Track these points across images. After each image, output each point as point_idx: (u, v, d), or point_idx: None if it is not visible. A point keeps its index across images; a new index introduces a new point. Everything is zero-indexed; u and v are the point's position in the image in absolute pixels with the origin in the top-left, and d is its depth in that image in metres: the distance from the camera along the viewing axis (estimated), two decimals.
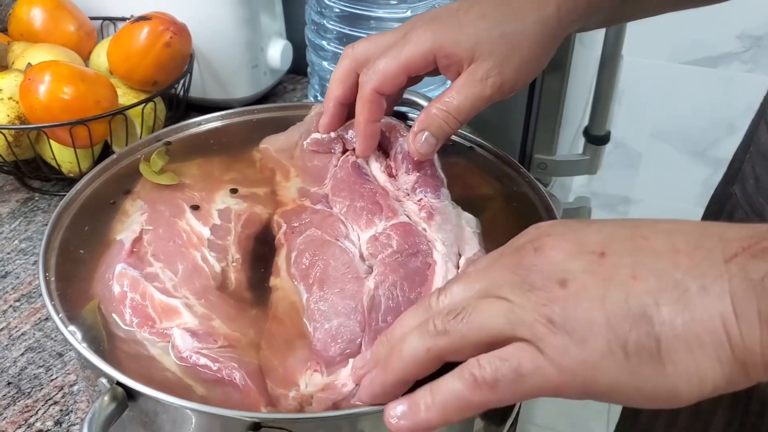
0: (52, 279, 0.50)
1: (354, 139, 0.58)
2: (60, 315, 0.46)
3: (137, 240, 0.54)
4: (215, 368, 0.44)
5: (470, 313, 0.35)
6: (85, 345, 0.44)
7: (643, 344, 0.32)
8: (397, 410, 0.37)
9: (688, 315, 0.32)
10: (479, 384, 0.34)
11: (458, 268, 0.49)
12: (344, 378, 0.43)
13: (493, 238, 0.53)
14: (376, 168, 0.59)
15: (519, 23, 0.53)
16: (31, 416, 0.58)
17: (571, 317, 0.33)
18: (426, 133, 0.53)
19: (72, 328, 0.46)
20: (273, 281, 0.52)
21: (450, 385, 0.35)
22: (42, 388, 0.60)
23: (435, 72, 0.56)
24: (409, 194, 0.56)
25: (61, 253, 0.53)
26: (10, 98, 0.76)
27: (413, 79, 0.57)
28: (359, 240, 0.52)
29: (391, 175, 0.58)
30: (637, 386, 0.32)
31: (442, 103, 0.53)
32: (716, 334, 0.31)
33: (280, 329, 0.48)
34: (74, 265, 0.52)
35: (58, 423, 0.57)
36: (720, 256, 0.32)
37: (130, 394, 0.42)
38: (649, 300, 0.32)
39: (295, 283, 0.50)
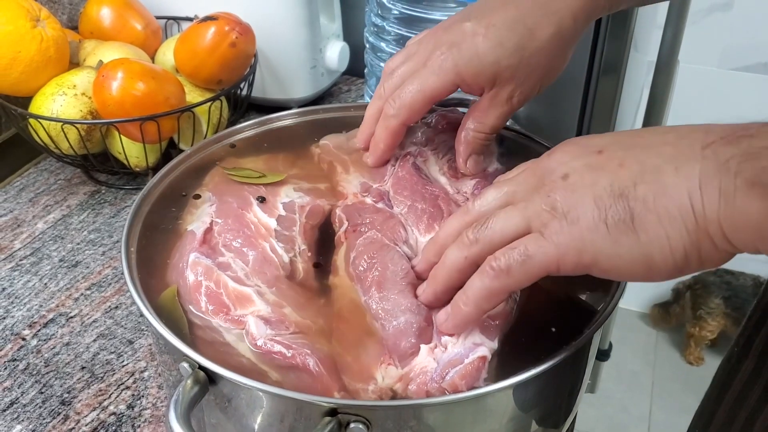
0: (134, 268, 0.52)
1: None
2: (146, 303, 0.48)
3: (208, 230, 0.55)
4: (289, 354, 0.46)
5: (493, 220, 0.42)
6: (168, 330, 0.46)
7: (620, 217, 0.38)
8: (442, 315, 0.45)
9: (659, 191, 0.37)
10: (497, 273, 0.41)
11: None
12: (424, 360, 0.44)
13: None
14: (435, 170, 0.61)
15: (536, 42, 0.54)
16: (105, 399, 0.60)
17: (567, 203, 0.40)
18: (473, 156, 0.59)
19: (154, 313, 0.48)
20: (332, 279, 0.53)
21: (476, 281, 0.42)
22: (114, 374, 0.63)
23: None
24: (468, 198, 0.57)
25: (137, 244, 0.55)
26: (83, 94, 0.79)
27: None
28: (417, 244, 0.54)
29: (453, 177, 0.60)
30: (618, 254, 0.38)
31: (474, 127, 0.58)
32: (683, 207, 0.36)
33: (348, 327, 0.49)
34: (149, 256, 0.54)
35: (130, 407, 0.60)
36: (699, 145, 0.37)
37: (212, 378, 0.43)
38: (629, 182, 0.38)
39: (353, 283, 0.51)
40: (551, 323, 0.49)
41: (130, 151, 0.81)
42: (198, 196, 0.59)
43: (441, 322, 0.45)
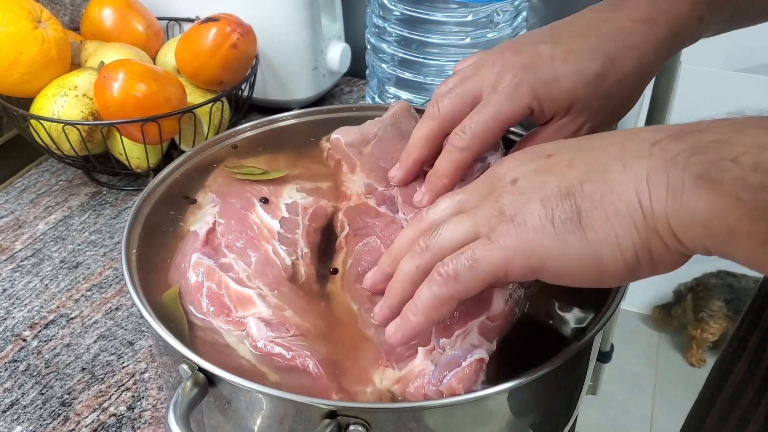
0: (134, 269, 0.52)
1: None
2: (145, 305, 0.48)
3: (211, 231, 0.55)
4: (289, 356, 0.46)
5: (444, 227, 0.41)
6: (167, 331, 0.46)
7: (567, 216, 0.37)
8: (391, 327, 0.43)
9: (606, 189, 0.36)
10: (445, 279, 0.39)
11: None
12: (422, 363, 0.44)
13: None
14: None
15: (617, 74, 0.51)
16: (105, 401, 0.60)
17: (515, 206, 0.39)
18: None
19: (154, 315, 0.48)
20: (330, 287, 0.53)
21: (425, 289, 0.41)
22: (114, 375, 0.63)
23: None
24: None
25: (138, 245, 0.55)
26: (84, 95, 0.79)
27: None
28: None
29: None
30: (566, 254, 0.37)
31: None
32: (631, 203, 0.35)
33: (345, 331, 0.49)
34: (149, 257, 0.54)
35: (130, 408, 0.60)
36: (648, 142, 0.36)
37: (211, 380, 0.43)
38: (576, 181, 0.37)
39: (345, 293, 0.51)
40: (553, 325, 0.49)
41: (131, 152, 0.81)
42: (194, 201, 0.59)
43: (390, 335, 0.43)
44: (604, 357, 1.42)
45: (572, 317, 0.49)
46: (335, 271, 0.53)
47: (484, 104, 0.52)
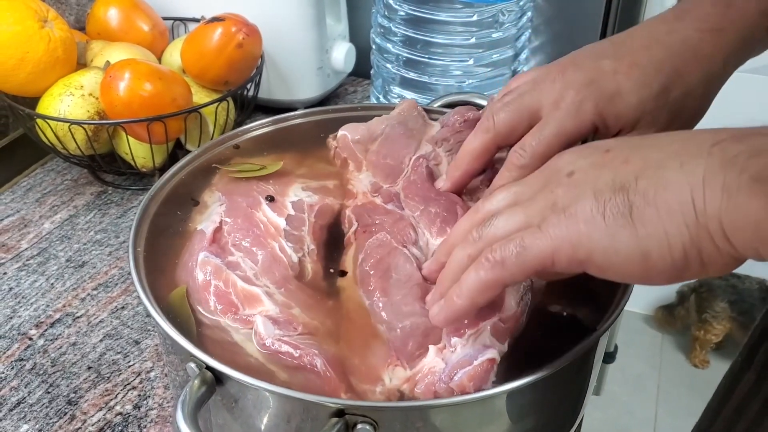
0: (141, 268, 0.52)
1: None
2: (153, 303, 0.48)
3: (217, 230, 0.55)
4: (297, 355, 0.46)
5: (497, 218, 0.42)
6: (175, 330, 0.46)
7: (618, 210, 0.37)
8: (435, 308, 0.44)
9: (660, 186, 0.36)
10: (492, 264, 0.40)
11: None
12: (432, 361, 0.44)
13: None
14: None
15: (684, 86, 0.51)
16: (111, 399, 0.60)
17: (568, 198, 0.39)
18: None
19: (161, 313, 0.48)
20: (340, 281, 0.53)
21: (472, 273, 0.41)
22: (120, 374, 0.63)
23: None
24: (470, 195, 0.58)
25: (144, 244, 0.55)
26: (90, 94, 0.79)
27: None
28: (428, 246, 0.53)
29: None
30: (614, 248, 0.36)
31: None
32: (684, 202, 0.35)
33: (355, 329, 0.49)
34: (155, 256, 0.54)
35: (136, 407, 0.60)
36: (708, 143, 0.36)
37: (219, 379, 0.43)
38: (630, 177, 0.37)
39: (358, 288, 0.51)
40: (559, 326, 0.49)
41: (137, 151, 0.81)
42: (197, 203, 0.59)
43: (433, 316, 0.44)
44: (608, 358, 1.42)
45: (578, 318, 0.49)
46: (343, 273, 0.53)
47: (545, 122, 0.51)
